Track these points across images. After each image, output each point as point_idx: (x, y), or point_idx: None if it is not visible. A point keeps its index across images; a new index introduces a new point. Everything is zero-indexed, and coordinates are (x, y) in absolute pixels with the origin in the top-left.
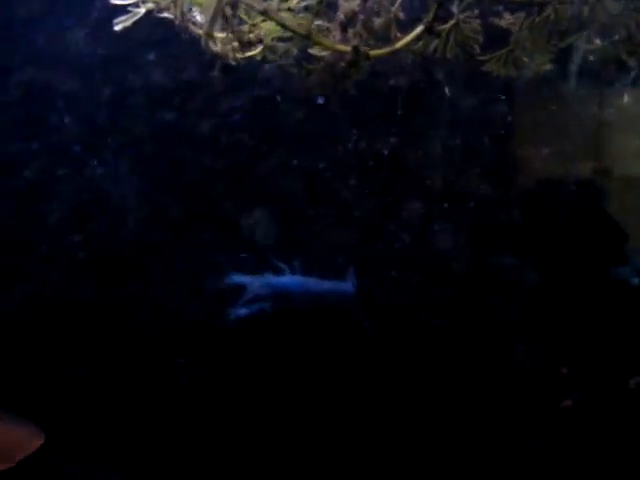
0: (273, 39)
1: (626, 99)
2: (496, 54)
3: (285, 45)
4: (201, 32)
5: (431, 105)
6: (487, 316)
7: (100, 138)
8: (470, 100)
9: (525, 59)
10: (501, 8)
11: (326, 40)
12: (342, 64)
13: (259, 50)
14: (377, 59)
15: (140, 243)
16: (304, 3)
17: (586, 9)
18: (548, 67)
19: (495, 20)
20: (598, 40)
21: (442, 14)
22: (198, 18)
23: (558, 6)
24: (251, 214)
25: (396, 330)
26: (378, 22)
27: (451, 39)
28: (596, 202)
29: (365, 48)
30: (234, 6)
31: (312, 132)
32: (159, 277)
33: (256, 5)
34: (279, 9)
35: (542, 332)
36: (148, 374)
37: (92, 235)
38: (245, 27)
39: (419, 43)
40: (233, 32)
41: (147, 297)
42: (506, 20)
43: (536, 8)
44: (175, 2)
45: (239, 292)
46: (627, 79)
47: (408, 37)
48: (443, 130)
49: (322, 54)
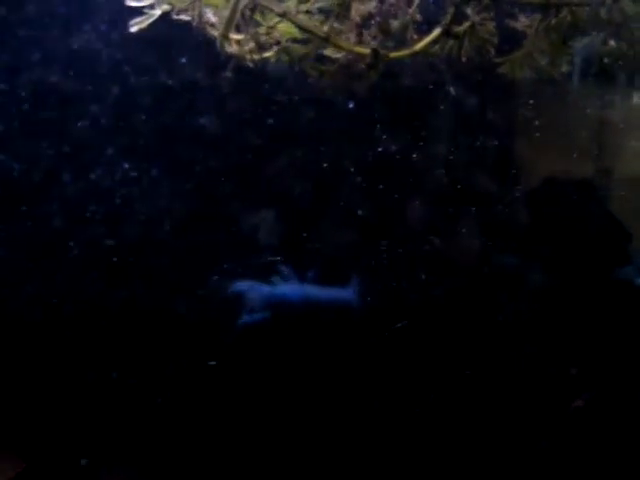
0: (288, 40)
1: (636, 100)
2: (511, 56)
3: (300, 47)
4: (217, 34)
5: (440, 106)
6: (493, 316)
7: (107, 138)
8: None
9: (541, 61)
10: (516, 10)
11: (344, 42)
12: (360, 66)
13: (274, 52)
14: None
15: (145, 244)
16: (318, 5)
17: (603, 10)
18: (564, 69)
19: (511, 22)
20: (613, 41)
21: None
22: (213, 19)
23: (575, 8)
24: (261, 215)
25: (399, 336)
26: (395, 24)
27: (466, 41)
28: (600, 202)
29: (384, 50)
30: (253, 8)
31: (327, 132)
32: (161, 280)
33: (274, 7)
34: (297, 11)
35: (547, 332)
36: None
37: (95, 236)
38: (262, 29)
39: (436, 45)
40: (250, 34)
41: (145, 300)
42: (521, 22)
43: (553, 10)
44: (193, 4)
45: (241, 300)
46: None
47: (427, 39)
48: (451, 131)
49: (337, 56)
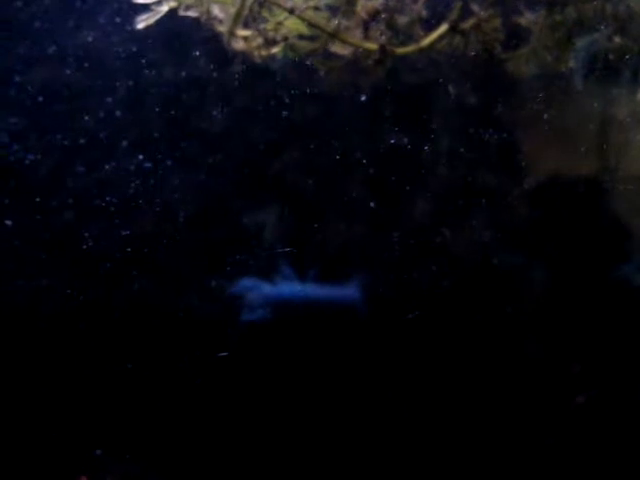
0: (294, 37)
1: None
2: (517, 52)
3: (307, 43)
4: (224, 30)
5: (442, 103)
6: (495, 314)
7: (115, 135)
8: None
9: (547, 57)
10: (522, 6)
11: (352, 38)
12: (368, 61)
13: (281, 47)
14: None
15: (151, 240)
16: (324, 1)
17: (608, 7)
18: (570, 64)
19: (516, 18)
20: (618, 37)
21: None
22: (220, 16)
23: (580, 4)
24: (269, 211)
25: (402, 334)
26: (402, 20)
27: (472, 37)
28: (600, 200)
29: (391, 46)
30: (261, 4)
31: (333, 129)
32: (164, 276)
33: (283, 3)
34: (305, 8)
35: (546, 329)
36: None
37: (95, 232)
38: (269, 25)
39: (442, 41)
40: (257, 30)
41: (150, 296)
42: (527, 19)
43: (558, 6)
44: (201, 0)
45: (247, 298)
46: None
47: (433, 35)
48: (452, 127)
49: (343, 52)
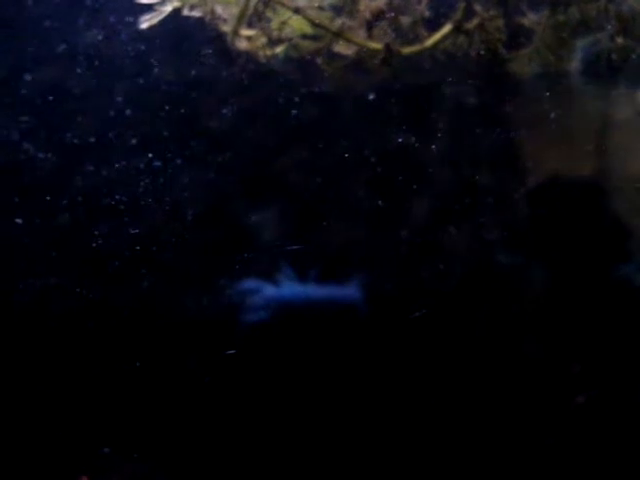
0: (299, 36)
1: None
2: (520, 52)
3: (310, 43)
4: (228, 29)
5: (445, 103)
6: (494, 314)
7: (115, 135)
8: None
9: (550, 57)
10: (525, 7)
11: (357, 37)
12: (373, 61)
13: (284, 47)
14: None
15: (153, 241)
16: (328, 1)
17: (611, 7)
18: (573, 64)
19: (519, 19)
20: (620, 38)
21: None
22: (225, 15)
23: (583, 4)
24: (270, 213)
25: (403, 334)
26: (406, 20)
27: (476, 37)
28: (601, 200)
29: (396, 46)
30: (265, 4)
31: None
32: (164, 277)
33: (287, 3)
34: (309, 7)
35: (547, 329)
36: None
37: (97, 234)
38: (273, 24)
39: (446, 41)
40: (261, 29)
41: (154, 297)
42: (530, 19)
43: (561, 6)
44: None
45: (251, 299)
46: None
47: (437, 35)
48: (454, 128)
49: (347, 52)
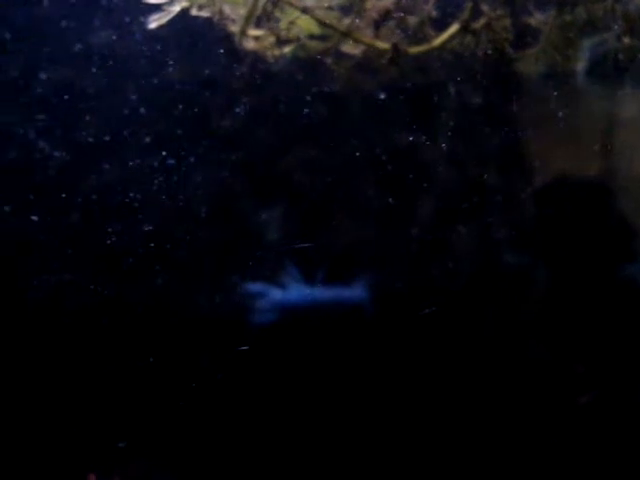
0: (306, 36)
1: None
2: (527, 52)
3: (318, 43)
4: (236, 29)
5: (451, 102)
6: (500, 314)
7: (121, 134)
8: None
9: (556, 57)
10: (532, 7)
11: (365, 37)
12: (381, 61)
13: (293, 47)
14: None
15: (159, 240)
16: (336, 1)
17: (618, 7)
18: (579, 64)
19: (526, 18)
20: (627, 38)
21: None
22: (233, 15)
23: (590, 4)
24: (276, 212)
25: (409, 335)
26: (413, 20)
27: (483, 37)
28: (607, 200)
29: (404, 46)
30: (274, 4)
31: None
32: (171, 276)
33: (296, 3)
34: (317, 7)
35: (553, 330)
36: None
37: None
38: (282, 24)
39: (453, 41)
40: (270, 29)
41: (158, 296)
42: (537, 19)
43: (568, 6)
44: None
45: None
46: None
47: (445, 35)
48: (461, 127)
49: (354, 52)
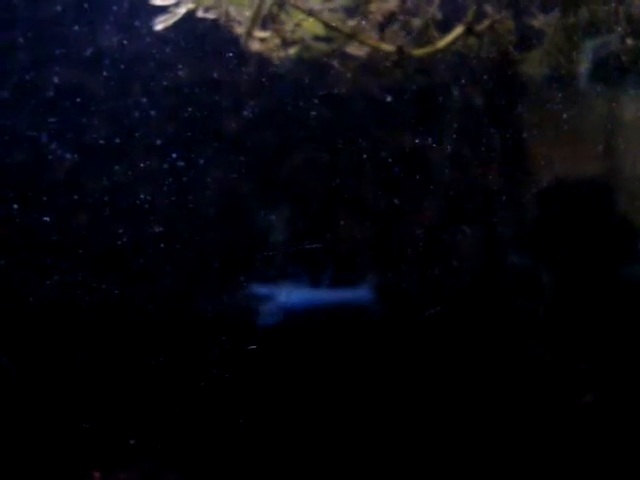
0: (311, 38)
1: None
2: (531, 53)
3: (322, 44)
4: (241, 31)
5: (451, 104)
6: (503, 315)
7: (127, 135)
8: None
9: (560, 58)
10: (535, 9)
11: (369, 39)
12: (386, 63)
13: (298, 49)
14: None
15: (164, 242)
16: (340, 2)
17: (622, 9)
18: (583, 66)
19: (529, 20)
20: (630, 39)
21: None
22: (239, 17)
23: (593, 6)
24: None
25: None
26: (417, 22)
27: (486, 39)
28: (609, 200)
29: (408, 48)
30: (280, 5)
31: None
32: (171, 278)
33: (301, 5)
34: (322, 9)
35: (556, 330)
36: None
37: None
38: (287, 26)
39: (457, 43)
40: (275, 31)
41: (163, 298)
42: (540, 20)
43: (572, 9)
44: (219, 1)
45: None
46: None
47: (449, 37)
48: (462, 127)
49: (359, 53)
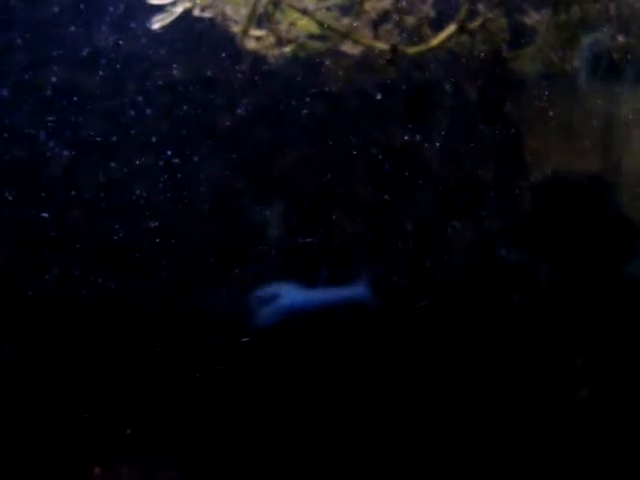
0: (306, 36)
1: None
2: (524, 51)
3: (317, 43)
4: (237, 30)
5: (446, 101)
6: (501, 311)
7: (122, 133)
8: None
9: (552, 56)
10: (527, 6)
11: (364, 38)
12: (380, 61)
13: (292, 47)
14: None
15: (160, 238)
16: (334, 1)
17: (613, 7)
18: (576, 64)
19: (522, 18)
20: (621, 37)
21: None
22: (235, 17)
23: (585, 4)
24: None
25: (413, 334)
26: (411, 21)
27: (479, 37)
28: (605, 197)
29: (402, 46)
30: (275, 5)
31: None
32: (171, 275)
33: (296, 4)
34: (317, 8)
35: (555, 326)
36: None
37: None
38: (282, 25)
39: (450, 41)
40: (270, 29)
41: (160, 296)
42: (532, 18)
43: (564, 6)
44: (215, 1)
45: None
46: None
47: (442, 35)
48: (456, 124)
49: (353, 52)
